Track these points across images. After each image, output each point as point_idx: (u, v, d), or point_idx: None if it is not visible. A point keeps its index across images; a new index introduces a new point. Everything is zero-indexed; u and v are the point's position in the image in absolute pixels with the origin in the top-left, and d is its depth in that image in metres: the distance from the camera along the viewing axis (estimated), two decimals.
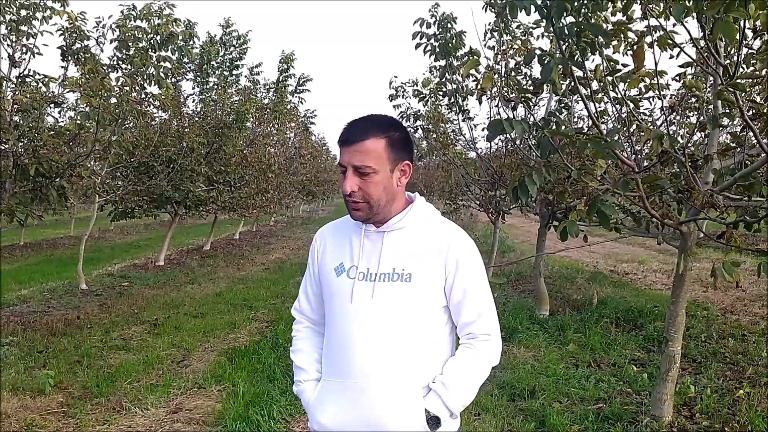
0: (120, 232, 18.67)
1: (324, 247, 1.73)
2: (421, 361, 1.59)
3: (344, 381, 1.60)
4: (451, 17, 5.90)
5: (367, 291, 1.59)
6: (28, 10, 5.83)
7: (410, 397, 1.56)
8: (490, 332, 1.63)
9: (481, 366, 1.62)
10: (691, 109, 4.29)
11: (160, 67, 6.73)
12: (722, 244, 2.90)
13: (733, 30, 2.19)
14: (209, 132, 10.69)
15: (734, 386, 4.24)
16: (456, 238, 1.62)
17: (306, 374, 1.72)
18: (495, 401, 4.00)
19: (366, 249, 1.63)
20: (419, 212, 1.65)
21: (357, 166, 1.53)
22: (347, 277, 1.63)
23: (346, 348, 1.60)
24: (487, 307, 1.63)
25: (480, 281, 1.63)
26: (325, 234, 1.76)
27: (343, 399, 1.61)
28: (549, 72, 2.48)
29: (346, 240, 1.68)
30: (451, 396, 1.56)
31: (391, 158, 1.56)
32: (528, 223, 18.77)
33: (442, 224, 1.66)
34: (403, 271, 1.58)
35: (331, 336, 1.67)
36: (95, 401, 4.09)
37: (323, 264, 1.71)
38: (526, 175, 2.54)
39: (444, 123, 7.69)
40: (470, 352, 1.61)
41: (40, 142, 5.41)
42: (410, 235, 1.62)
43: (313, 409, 1.67)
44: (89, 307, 7.14)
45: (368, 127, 1.56)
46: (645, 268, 10.39)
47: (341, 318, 1.63)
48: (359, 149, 1.53)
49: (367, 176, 1.53)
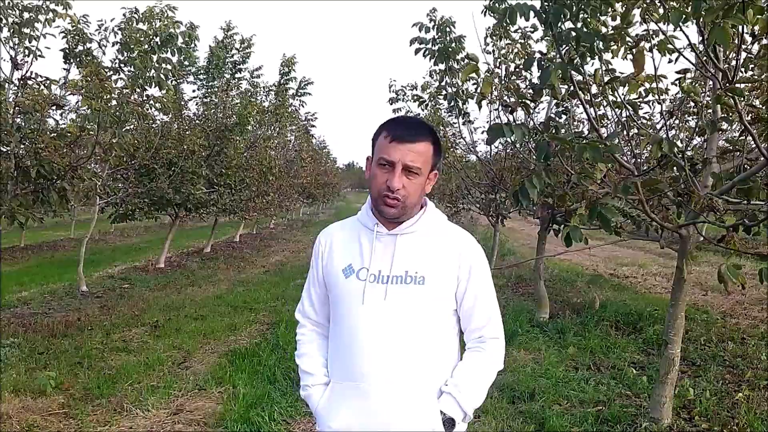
0: (120, 235, 18.67)
1: (330, 247, 1.70)
2: (432, 364, 1.61)
3: (356, 384, 1.59)
4: (450, 21, 5.92)
5: (380, 293, 1.58)
6: (31, 13, 5.86)
7: (422, 399, 1.57)
8: (497, 336, 1.68)
9: (491, 368, 1.66)
10: (690, 114, 4.30)
11: (160, 68, 6.76)
12: (722, 247, 2.91)
13: (728, 36, 2.21)
14: (210, 135, 10.71)
15: (733, 389, 4.25)
16: (468, 245, 1.65)
17: (313, 378, 1.69)
18: (495, 403, 4.01)
19: (377, 251, 1.62)
20: (431, 217, 1.67)
21: (408, 165, 1.53)
22: (357, 278, 1.61)
23: (357, 350, 1.59)
24: (495, 312, 1.68)
25: (489, 287, 1.67)
26: (330, 234, 1.73)
27: (354, 403, 1.59)
28: (548, 76, 2.50)
29: (355, 241, 1.66)
30: (465, 398, 1.58)
31: (432, 163, 1.60)
32: (528, 227, 18.76)
33: (452, 230, 1.69)
34: (417, 274, 1.58)
35: (340, 338, 1.65)
36: (96, 402, 4.10)
37: (329, 265, 1.68)
38: (527, 179, 2.56)
39: (444, 126, 7.72)
40: (481, 355, 1.65)
41: (42, 144, 5.42)
42: (422, 239, 1.63)
43: (324, 412, 1.65)
44: (90, 309, 7.14)
45: (422, 130, 1.58)
46: (645, 271, 10.40)
47: (351, 320, 1.61)
48: (413, 149, 1.54)
49: (413, 176, 1.55)
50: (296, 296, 8.55)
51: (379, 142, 1.58)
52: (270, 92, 16.59)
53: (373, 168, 1.59)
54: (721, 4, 2.21)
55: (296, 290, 8.54)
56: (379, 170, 1.56)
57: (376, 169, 1.57)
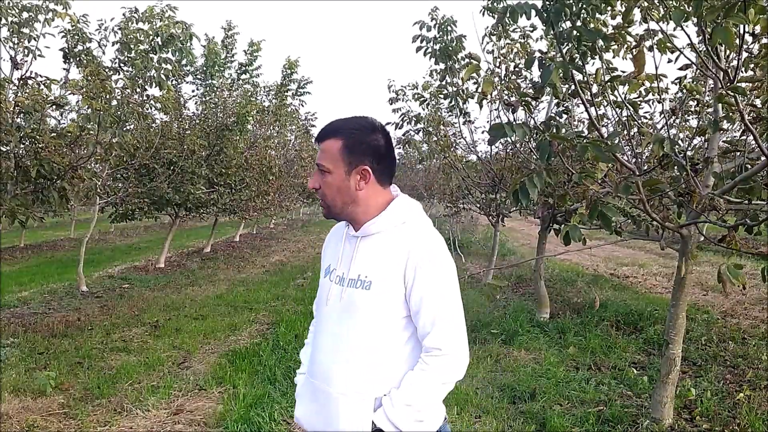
0: (120, 234, 18.67)
1: (325, 248, 1.81)
2: (376, 371, 1.56)
3: (312, 381, 1.68)
4: (451, 20, 5.91)
5: (338, 295, 1.62)
6: (31, 13, 5.85)
7: (361, 405, 1.55)
8: (441, 346, 1.51)
9: (430, 383, 1.52)
10: (691, 113, 4.30)
11: (161, 68, 6.76)
12: (723, 247, 2.91)
13: (731, 36, 2.20)
14: (210, 134, 10.71)
15: (734, 389, 4.25)
16: (417, 243, 1.53)
17: (303, 367, 1.81)
18: (496, 404, 4.00)
19: (345, 253, 1.66)
20: (393, 216, 1.59)
21: (318, 164, 1.59)
22: (329, 279, 1.69)
23: (315, 349, 1.70)
24: (443, 318, 1.51)
25: (438, 289, 1.52)
26: (329, 236, 1.82)
27: (309, 397, 1.69)
28: (550, 75, 2.50)
29: (338, 243, 1.72)
30: (397, 413, 1.51)
31: (347, 160, 1.55)
32: (528, 226, 18.77)
33: (407, 228, 1.58)
34: (366, 279, 1.56)
35: (314, 336, 1.76)
36: (96, 402, 4.10)
37: (322, 265, 1.78)
38: (527, 179, 2.55)
39: (444, 126, 7.71)
40: (419, 369, 1.53)
41: (42, 143, 5.42)
42: (381, 241, 1.58)
43: (297, 399, 1.77)
44: (90, 308, 7.14)
45: (334, 128, 1.59)
46: (645, 271, 10.40)
47: (319, 318, 1.73)
48: (322, 148, 1.59)
49: (325, 175, 1.58)
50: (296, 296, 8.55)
51: None
52: (270, 92, 16.59)
53: None
54: (723, 4, 2.21)
55: (296, 290, 8.54)
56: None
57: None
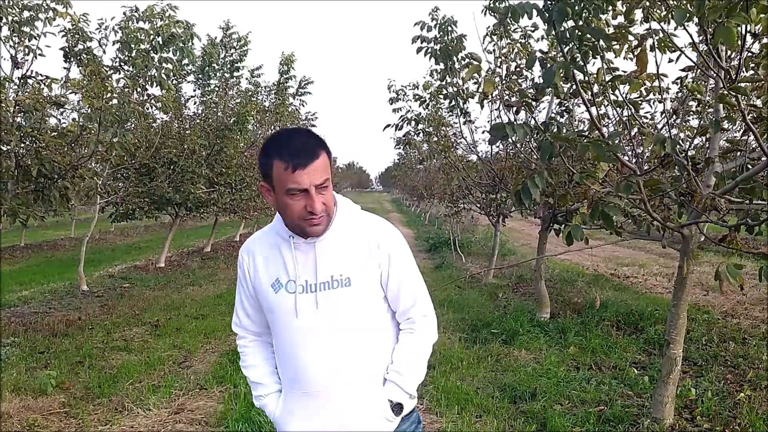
0: (120, 234, 18.68)
1: (253, 264, 1.68)
2: (374, 358, 1.66)
3: (305, 392, 1.63)
4: (452, 20, 5.90)
5: (311, 303, 1.60)
6: (31, 12, 5.85)
7: (370, 394, 1.63)
8: (426, 313, 1.72)
9: (425, 345, 1.71)
10: (692, 113, 4.30)
11: (161, 68, 6.75)
12: (724, 247, 2.91)
13: (733, 36, 2.20)
14: (210, 134, 10.71)
15: (735, 389, 4.25)
16: (383, 234, 1.67)
17: (265, 388, 1.74)
18: (496, 403, 4.00)
19: (300, 261, 1.61)
20: (343, 215, 1.66)
21: (318, 184, 1.50)
22: (287, 291, 1.61)
23: (300, 362, 1.62)
24: (420, 291, 1.72)
25: (410, 270, 1.71)
26: (250, 250, 1.70)
27: (310, 404, 1.64)
28: (551, 76, 2.50)
29: (276, 254, 1.64)
30: (407, 380, 1.65)
31: (332, 167, 1.60)
32: (528, 226, 18.77)
33: (366, 222, 1.69)
34: (342, 277, 1.60)
35: (282, 352, 1.68)
36: (97, 402, 4.10)
37: (257, 281, 1.67)
38: (530, 179, 2.55)
39: (445, 126, 7.70)
40: (413, 336, 1.70)
41: (43, 143, 5.42)
42: (340, 239, 1.63)
43: (281, 420, 1.70)
44: (90, 308, 7.14)
45: (311, 145, 1.52)
46: (646, 271, 10.39)
47: (288, 333, 1.63)
48: (316, 167, 1.49)
49: (325, 190, 1.53)
50: None
51: (278, 174, 1.50)
52: (270, 92, 16.56)
53: (281, 198, 1.53)
54: (725, 3, 2.21)
55: None
56: (291, 199, 1.51)
57: (287, 199, 1.51)
